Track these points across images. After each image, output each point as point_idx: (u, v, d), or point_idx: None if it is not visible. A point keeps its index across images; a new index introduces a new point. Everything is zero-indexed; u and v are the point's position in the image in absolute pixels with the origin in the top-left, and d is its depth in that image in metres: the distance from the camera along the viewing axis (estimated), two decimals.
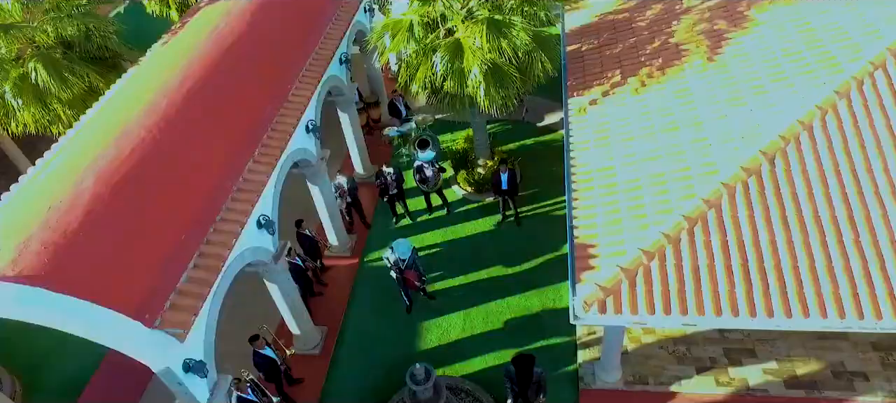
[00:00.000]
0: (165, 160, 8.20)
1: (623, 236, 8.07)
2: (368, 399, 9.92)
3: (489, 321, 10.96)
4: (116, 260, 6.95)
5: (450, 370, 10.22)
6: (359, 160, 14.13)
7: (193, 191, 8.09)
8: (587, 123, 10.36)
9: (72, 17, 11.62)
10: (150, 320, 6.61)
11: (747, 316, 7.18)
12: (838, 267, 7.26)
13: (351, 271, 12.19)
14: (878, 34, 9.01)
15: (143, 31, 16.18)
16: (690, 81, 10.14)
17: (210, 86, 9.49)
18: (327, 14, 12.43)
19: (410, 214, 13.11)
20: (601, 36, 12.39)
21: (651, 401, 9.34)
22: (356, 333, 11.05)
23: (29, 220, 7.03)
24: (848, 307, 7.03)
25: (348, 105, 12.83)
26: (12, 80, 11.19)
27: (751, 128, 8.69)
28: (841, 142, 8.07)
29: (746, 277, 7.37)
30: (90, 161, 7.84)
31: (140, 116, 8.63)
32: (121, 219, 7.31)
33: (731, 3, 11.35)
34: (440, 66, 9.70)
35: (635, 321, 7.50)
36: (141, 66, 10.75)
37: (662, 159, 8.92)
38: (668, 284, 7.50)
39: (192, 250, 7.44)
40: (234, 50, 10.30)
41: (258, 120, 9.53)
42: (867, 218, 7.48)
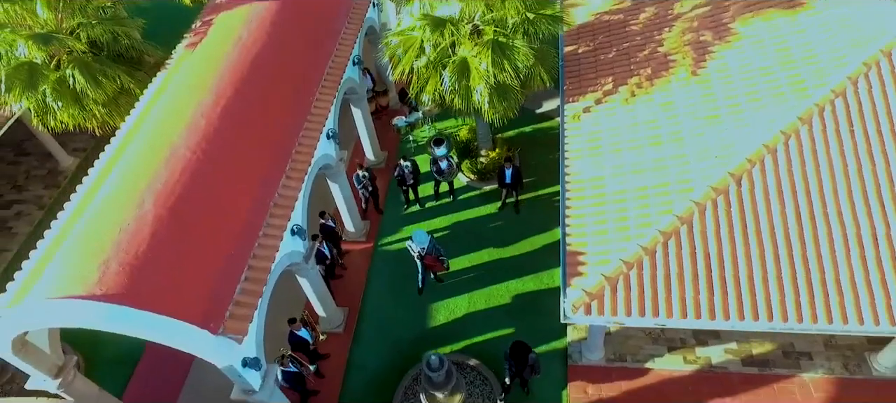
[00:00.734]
0: (210, 179, 9.35)
1: (608, 246, 9.40)
2: (387, 372, 11.54)
3: (490, 302, 12.47)
4: (181, 276, 8.26)
5: (456, 346, 11.82)
6: (369, 147, 15.22)
7: (237, 208, 9.30)
8: (581, 131, 11.47)
9: (101, 22, 12.39)
10: (215, 328, 8.00)
11: (708, 318, 8.62)
12: (786, 277, 8.64)
13: (366, 255, 13.58)
14: (843, 60, 10.04)
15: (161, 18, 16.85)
16: (675, 94, 11.19)
17: (241, 102, 10.48)
18: (340, 17, 13.20)
19: (420, 201, 14.36)
20: (597, 38, 13.26)
21: (629, 376, 11.01)
22: (374, 313, 12.56)
23: (103, 243, 8.28)
24: (791, 312, 8.47)
25: (360, 101, 13.81)
26: (51, 84, 12.12)
27: (725, 146, 9.86)
28: (799, 166, 9.28)
29: (709, 285, 8.77)
30: (147, 183, 9.00)
31: (184, 136, 9.70)
32: (180, 238, 8.56)
33: (716, 13, 12.22)
34: (448, 84, 10.70)
35: (615, 321, 8.96)
36: (170, 73, 11.66)
37: (647, 173, 10.13)
38: (643, 290, 8.90)
39: (242, 264, 8.75)
40: (259, 63, 11.19)
41: (286, 134, 10.62)
42: (815, 235, 8.80)
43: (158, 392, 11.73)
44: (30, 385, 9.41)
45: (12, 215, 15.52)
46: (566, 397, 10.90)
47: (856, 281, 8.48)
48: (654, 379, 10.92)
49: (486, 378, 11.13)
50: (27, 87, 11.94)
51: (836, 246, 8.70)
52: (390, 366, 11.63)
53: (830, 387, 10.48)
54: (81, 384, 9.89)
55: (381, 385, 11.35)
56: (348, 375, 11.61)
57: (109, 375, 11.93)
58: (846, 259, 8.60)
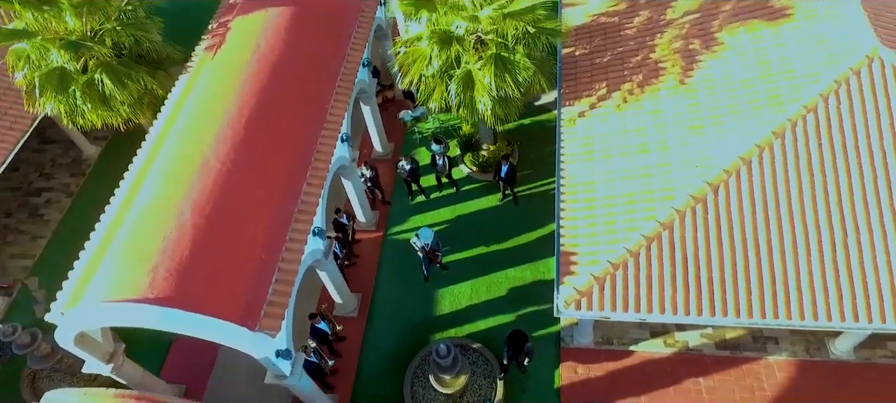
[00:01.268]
0: (240, 188, 10.34)
1: (597, 248, 10.51)
2: (398, 354, 12.83)
3: (491, 289, 13.67)
4: (220, 279, 9.36)
5: (460, 330, 13.08)
6: (377, 139, 16.14)
7: (265, 214, 10.33)
8: (576, 135, 12.43)
9: (125, 27, 13.11)
10: (252, 326, 9.15)
11: (683, 314, 9.81)
12: (754, 278, 9.78)
13: (376, 244, 14.70)
14: (817, 76, 10.94)
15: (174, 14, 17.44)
16: (664, 103, 12.10)
17: (263, 111, 11.35)
18: (350, 20, 13.91)
19: (424, 191, 15.39)
20: (593, 41, 14.04)
21: (615, 357, 12.31)
22: (385, 299, 13.77)
23: (150, 250, 9.34)
24: (756, 309, 9.64)
25: (369, 99, 14.66)
26: (81, 88, 12.96)
27: (705, 156, 10.86)
28: (771, 178, 10.31)
29: (686, 285, 9.92)
30: (184, 194, 10.00)
31: (213, 147, 10.63)
32: (217, 244, 9.62)
33: (705, 20, 12.99)
34: (454, 95, 11.59)
35: (602, 316, 10.16)
36: (193, 78, 12.46)
37: (634, 180, 11.16)
38: (628, 289, 10.06)
39: (273, 266, 9.84)
40: (277, 72, 12.00)
41: (306, 140, 11.54)
42: (780, 241, 9.91)
43: (193, 370, 13.02)
44: (86, 368, 10.65)
45: (43, 202, 16.52)
46: (558, 376, 12.22)
47: (814, 283, 9.64)
48: (638, 360, 12.23)
49: (487, 359, 12.42)
50: (58, 92, 12.80)
51: (799, 250, 9.82)
52: (401, 348, 12.91)
53: (792, 369, 11.82)
54: (129, 367, 11.15)
55: (393, 366, 12.66)
56: (363, 356, 12.90)
57: (145, 356, 13.13)
58: (807, 263, 9.74)
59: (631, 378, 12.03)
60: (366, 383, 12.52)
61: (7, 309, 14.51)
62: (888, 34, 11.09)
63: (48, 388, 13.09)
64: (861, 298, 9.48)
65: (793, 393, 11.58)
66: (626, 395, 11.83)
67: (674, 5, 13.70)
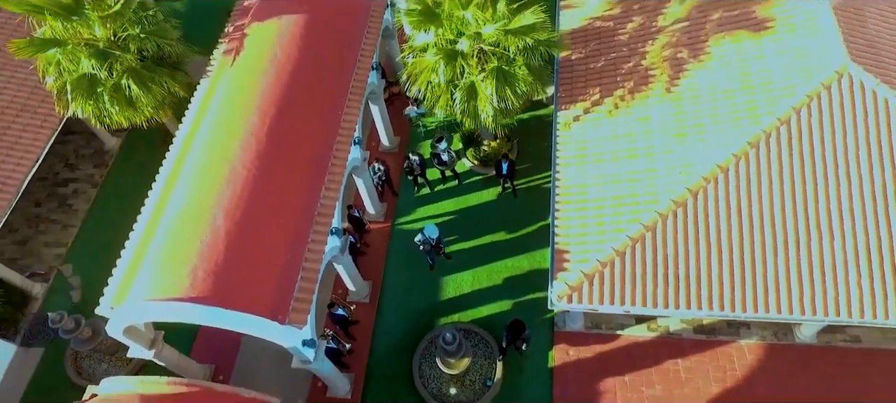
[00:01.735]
0: (265, 193, 11.42)
1: (588, 247, 11.68)
2: (407, 337, 14.13)
3: (491, 277, 14.90)
4: (252, 279, 10.54)
5: (463, 316, 14.37)
6: (384, 133, 17.10)
7: (289, 217, 11.44)
8: (571, 139, 13.45)
9: (149, 35, 13.93)
10: (282, 320, 10.37)
11: (663, 308, 11.05)
12: (726, 277, 11.00)
13: (385, 234, 15.85)
14: (792, 89, 11.92)
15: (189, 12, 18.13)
16: (652, 110, 13.09)
17: (282, 119, 12.33)
18: (360, 25, 14.71)
19: (429, 184, 16.46)
20: (589, 45, 14.90)
21: (603, 340, 13.64)
22: (394, 285, 15.00)
23: (188, 253, 10.48)
24: (726, 303, 10.88)
25: (378, 98, 15.58)
26: (109, 92, 13.87)
27: (687, 163, 11.93)
28: (745, 185, 11.40)
29: (666, 281, 11.12)
30: (215, 200, 11.08)
31: (239, 155, 11.65)
32: (248, 246, 10.76)
33: (694, 29, 13.85)
34: (459, 104, 12.55)
35: (591, 308, 11.40)
36: (213, 84, 13.36)
37: (622, 184, 12.25)
38: (614, 285, 11.26)
39: (297, 265, 11.00)
40: (293, 81, 12.92)
41: (323, 145, 12.56)
42: (751, 242, 11.07)
43: (220, 351, 14.31)
44: (131, 354, 11.94)
45: (70, 192, 17.57)
46: (552, 357, 13.57)
47: (779, 280, 10.85)
48: (624, 343, 13.56)
49: (488, 342, 13.74)
50: (88, 96, 13.74)
51: (767, 251, 11.00)
52: (410, 331, 14.22)
53: (761, 351, 13.16)
54: (168, 352, 12.44)
55: (402, 347, 13.98)
56: (375, 339, 14.20)
57: (176, 339, 14.34)
58: (774, 262, 10.93)
59: (617, 360, 13.37)
60: (378, 363, 13.87)
61: (45, 294, 15.73)
62: (859, 49, 12.03)
63: (90, 367, 14.50)
64: (819, 294, 10.72)
65: (762, 374, 12.96)
66: (613, 375, 13.20)
67: (665, 12, 14.53)
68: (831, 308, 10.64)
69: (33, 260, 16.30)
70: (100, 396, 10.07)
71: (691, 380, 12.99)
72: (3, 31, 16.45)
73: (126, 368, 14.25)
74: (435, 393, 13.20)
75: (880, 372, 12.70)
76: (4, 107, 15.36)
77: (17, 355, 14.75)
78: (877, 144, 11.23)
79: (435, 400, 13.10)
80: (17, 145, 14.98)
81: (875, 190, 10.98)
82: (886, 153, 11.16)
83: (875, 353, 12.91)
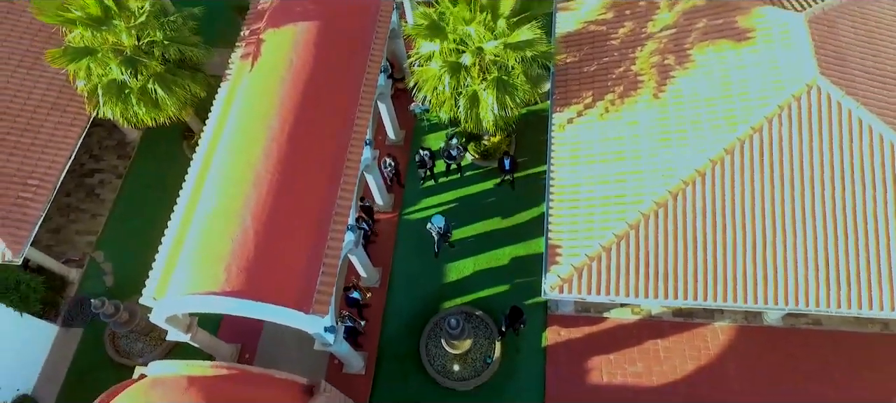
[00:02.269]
0: (288, 195, 12.64)
1: (578, 243, 13.00)
2: (414, 319, 15.58)
3: (490, 264, 16.28)
4: (279, 273, 11.86)
5: (465, 299, 15.79)
6: (390, 127, 18.22)
7: (310, 216, 12.69)
8: (565, 140, 14.62)
9: (172, 42, 14.91)
10: (307, 309, 11.74)
11: (643, 297, 12.44)
12: (701, 271, 12.36)
13: (393, 224, 17.16)
14: (766, 100, 13.06)
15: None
16: (639, 115, 14.23)
17: (300, 126, 13.44)
18: (369, 29, 15.67)
19: (435, 177, 17.68)
20: (582, 49, 15.91)
21: (591, 323, 15.11)
22: (402, 271, 16.39)
23: (222, 251, 11.78)
24: (700, 293, 12.27)
25: (386, 98, 16.65)
26: (136, 95, 14.95)
27: (669, 167, 13.16)
28: (720, 188, 12.64)
29: (646, 274, 12.46)
30: (242, 203, 12.31)
31: (262, 161, 12.82)
32: (274, 244, 12.04)
33: (680, 37, 14.87)
34: (462, 110, 13.68)
35: (579, 297, 12.81)
36: (232, 88, 14.44)
37: (610, 185, 13.49)
38: (601, 277, 12.62)
39: (319, 260, 12.31)
40: (309, 88, 13.97)
41: (338, 148, 13.70)
42: (723, 240, 12.40)
43: (244, 331, 15.75)
44: (170, 337, 13.35)
45: (97, 183, 18.76)
46: (545, 337, 15.06)
47: (747, 273, 12.21)
48: (610, 325, 15.05)
49: (488, 324, 15.21)
50: (118, 100, 14.82)
51: (737, 248, 12.33)
52: (417, 313, 15.67)
53: (732, 332, 14.66)
54: (201, 334, 13.88)
55: (410, 328, 15.46)
56: (385, 320, 15.67)
57: (205, 321, 15.83)
58: (743, 257, 12.27)
59: (604, 340, 14.87)
60: (388, 343, 15.36)
61: (80, 279, 17.10)
62: (828, 62, 13.13)
63: (126, 345, 15.99)
64: (782, 287, 12.10)
65: (732, 353, 14.48)
66: (600, 353, 14.72)
67: (655, 18, 15.51)
68: (792, 299, 12.05)
69: (67, 247, 17.61)
70: (149, 376, 11.51)
71: (669, 359, 14.52)
72: (27, 32, 17.31)
73: (160, 346, 15.73)
74: (440, 370, 14.74)
75: (838, 352, 14.23)
76: (36, 106, 16.40)
77: (59, 335, 16.21)
78: (839, 152, 12.45)
79: (440, 376, 14.64)
80: (51, 143, 16.07)
81: (835, 195, 12.25)
82: (847, 160, 12.39)
83: (835, 335, 14.41)
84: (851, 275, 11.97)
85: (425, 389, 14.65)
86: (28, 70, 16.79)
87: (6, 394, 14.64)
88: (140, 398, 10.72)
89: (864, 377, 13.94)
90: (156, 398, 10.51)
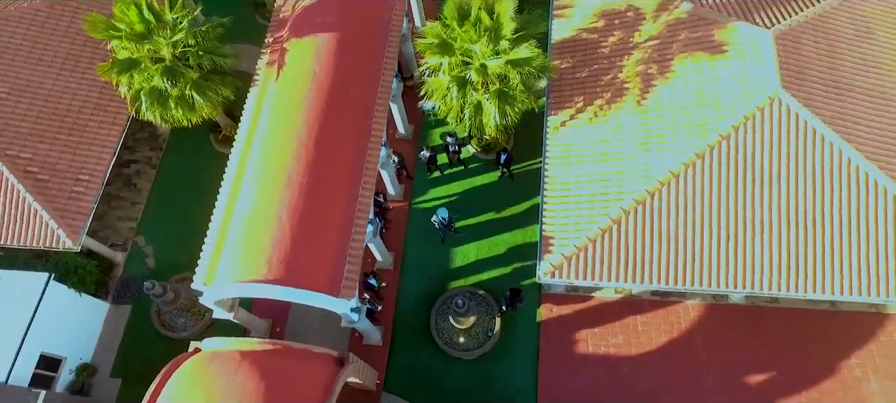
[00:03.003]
0: (318, 195, 14.55)
1: (568, 235, 15.00)
2: (424, 298, 17.73)
3: (492, 248, 18.35)
4: (312, 263, 13.89)
5: (469, 279, 17.92)
6: (400, 123, 19.99)
7: (336, 213, 14.63)
8: (558, 142, 16.47)
9: (205, 52, 16.56)
10: (336, 294, 13.81)
11: (624, 282, 14.50)
12: (673, 260, 14.41)
13: (404, 212, 19.14)
14: (733, 110, 14.89)
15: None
16: (624, 120, 16.03)
17: (325, 132, 15.23)
18: (383, 37, 17.29)
19: (440, 169, 19.57)
20: (575, 55, 17.59)
21: (579, 301, 17.29)
22: (412, 256, 18.46)
23: (263, 246, 13.78)
24: (672, 278, 14.36)
25: (397, 99, 18.39)
26: (174, 100, 16.69)
27: (647, 169, 15.06)
28: (691, 189, 14.60)
29: (627, 262, 14.48)
30: (278, 203, 14.25)
31: (294, 165, 14.68)
32: (307, 239, 14.03)
33: (662, 47, 16.55)
34: (467, 119, 15.49)
35: (568, 282, 14.91)
36: (261, 94, 16.19)
37: (596, 183, 15.41)
38: (587, 264, 14.69)
39: (345, 251, 14.32)
40: (331, 97, 15.70)
41: (358, 152, 15.55)
42: (694, 235, 14.41)
43: (275, 308, 17.85)
44: (215, 315, 15.43)
45: (133, 173, 20.61)
46: (539, 313, 17.26)
47: (711, 262, 14.25)
48: (595, 303, 17.23)
49: (489, 302, 17.38)
50: (159, 105, 16.57)
51: (705, 240, 14.33)
52: (426, 293, 17.82)
53: (701, 309, 16.87)
54: (242, 313, 16.01)
55: (421, 305, 17.63)
56: (399, 299, 17.82)
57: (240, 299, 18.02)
58: (710, 248, 14.27)
59: (590, 316, 17.08)
60: (402, 318, 17.56)
61: (125, 261, 19.14)
62: (790, 76, 14.90)
63: (171, 319, 18.15)
64: (742, 272, 14.16)
65: (701, 327, 16.71)
66: (587, 327, 16.94)
67: (641, 28, 17.15)
68: (751, 283, 14.13)
69: (111, 232, 19.59)
70: (204, 351, 13.66)
71: (646, 332, 16.76)
72: (66, 35, 18.84)
73: (200, 321, 17.90)
74: (448, 342, 16.97)
75: (791, 326, 16.46)
76: (80, 106, 18.13)
77: (110, 311, 18.36)
78: (795, 158, 14.33)
79: (448, 348, 16.88)
80: (96, 141, 17.88)
81: (790, 196, 14.18)
82: (801, 165, 14.29)
83: (789, 312, 16.62)
84: (801, 264, 14.03)
85: (435, 358, 16.92)
86: (70, 73, 18.46)
87: (71, 362, 16.86)
88: (201, 369, 12.88)
89: (813, 347, 16.22)
90: (215, 369, 12.66)
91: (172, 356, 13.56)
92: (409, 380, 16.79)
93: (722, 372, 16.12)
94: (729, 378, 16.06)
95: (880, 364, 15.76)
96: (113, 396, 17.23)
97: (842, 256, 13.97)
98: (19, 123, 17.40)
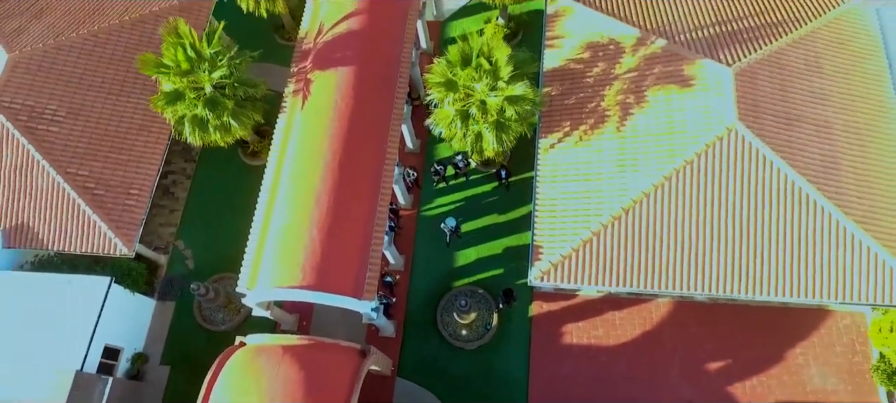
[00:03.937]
0: (343, 212, 17.09)
1: (555, 244, 17.61)
2: (431, 295, 20.39)
3: (491, 252, 20.96)
4: (339, 271, 16.49)
5: (471, 279, 20.58)
6: (409, 138, 22.44)
7: (358, 227, 17.19)
8: (548, 162, 18.97)
9: (241, 85, 18.94)
10: (360, 297, 16.45)
11: (603, 285, 17.18)
12: (645, 266, 17.04)
13: (413, 219, 21.72)
14: (697, 139, 17.38)
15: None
16: (604, 144, 18.52)
17: (347, 155, 17.72)
18: (396, 64, 19.64)
19: (446, 180, 22.09)
20: (564, 83, 19.99)
21: (566, 298, 19.97)
22: (421, 257, 21.08)
23: (297, 257, 16.36)
24: (648, 282, 17.01)
25: (406, 120, 20.82)
26: (213, 126, 19.12)
27: (623, 188, 17.59)
28: (661, 208, 17.13)
29: (604, 268, 17.14)
30: (309, 219, 16.80)
31: (321, 185, 17.18)
32: (335, 250, 16.61)
33: (639, 79, 18.95)
34: (469, 145, 17.97)
35: (556, 285, 17.55)
36: (289, 121, 18.63)
37: (580, 200, 17.97)
38: (573, 271, 17.31)
39: (366, 259, 16.92)
40: (351, 125, 18.13)
41: (375, 172, 18.06)
42: (663, 247, 17.02)
43: (302, 304, 20.49)
44: (254, 313, 18.08)
45: (171, 183, 23.08)
46: (531, 309, 19.97)
47: (677, 269, 16.92)
48: (579, 301, 19.93)
49: (488, 299, 20.07)
50: (200, 131, 19.00)
51: (671, 251, 16.99)
52: (433, 290, 20.49)
53: (670, 306, 19.57)
54: (276, 310, 18.69)
55: (429, 301, 20.32)
56: (409, 296, 20.50)
57: None
58: (675, 256, 16.94)
59: (574, 311, 19.78)
60: (412, 313, 20.26)
61: (168, 263, 21.75)
62: (746, 109, 17.36)
63: (210, 314, 20.81)
64: (703, 278, 16.81)
65: (669, 321, 19.42)
66: (571, 321, 19.66)
67: (621, 61, 19.52)
68: (711, 287, 16.77)
69: (153, 237, 22.14)
70: (249, 345, 16.34)
71: (623, 325, 19.49)
72: (112, 62, 21.16)
73: (236, 316, 20.56)
74: (452, 334, 19.71)
75: (747, 321, 19.16)
76: (127, 127, 20.56)
77: (156, 306, 21.02)
78: (749, 182, 16.84)
79: (452, 339, 19.62)
80: (143, 159, 20.35)
81: (745, 214, 16.73)
82: (754, 188, 16.82)
83: (745, 309, 19.30)
84: (752, 270, 16.66)
85: (441, 348, 19.67)
86: (117, 97, 20.86)
87: (128, 352, 19.58)
88: (249, 363, 15.56)
89: (766, 339, 18.96)
90: (262, 362, 15.34)
91: (213, 346, 16.27)
92: (419, 367, 19.56)
93: (686, 360, 18.90)
94: (692, 364, 18.84)
95: (820, 352, 18.54)
96: (164, 380, 19.98)
97: (787, 264, 16.61)
98: (76, 143, 19.85)
